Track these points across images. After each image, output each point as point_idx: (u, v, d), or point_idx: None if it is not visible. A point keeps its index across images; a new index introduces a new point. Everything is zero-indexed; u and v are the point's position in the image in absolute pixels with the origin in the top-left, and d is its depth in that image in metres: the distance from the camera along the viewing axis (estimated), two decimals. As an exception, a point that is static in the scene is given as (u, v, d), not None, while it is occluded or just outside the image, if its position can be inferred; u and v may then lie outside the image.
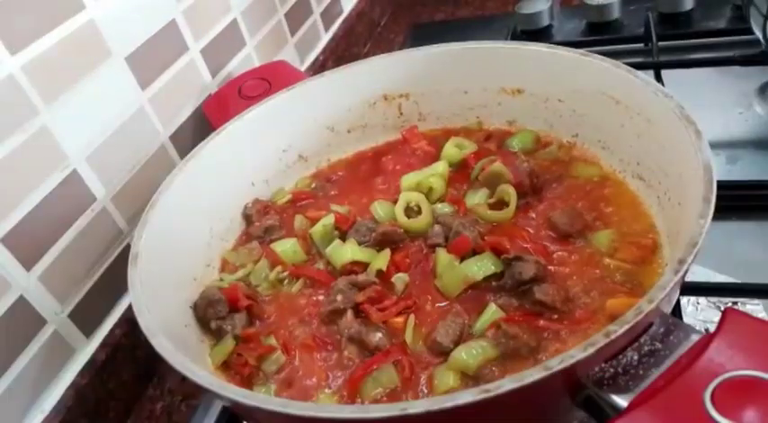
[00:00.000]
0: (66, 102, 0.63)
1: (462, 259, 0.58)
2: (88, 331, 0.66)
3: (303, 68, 1.10)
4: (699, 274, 0.63)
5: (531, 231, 0.60)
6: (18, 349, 0.58)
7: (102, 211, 0.67)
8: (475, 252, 0.58)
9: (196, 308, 0.59)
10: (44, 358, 0.61)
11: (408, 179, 0.68)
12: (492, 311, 0.53)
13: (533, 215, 0.63)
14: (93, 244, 0.67)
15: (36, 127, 0.60)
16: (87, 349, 0.65)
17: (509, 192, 0.63)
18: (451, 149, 0.72)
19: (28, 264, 0.59)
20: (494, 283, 0.56)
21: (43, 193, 0.61)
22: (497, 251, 0.56)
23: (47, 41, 0.61)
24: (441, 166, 0.69)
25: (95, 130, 0.67)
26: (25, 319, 0.59)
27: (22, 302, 0.58)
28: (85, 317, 0.65)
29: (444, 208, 0.66)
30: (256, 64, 0.96)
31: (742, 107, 0.85)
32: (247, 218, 0.71)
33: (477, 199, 0.65)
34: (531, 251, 0.56)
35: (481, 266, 0.56)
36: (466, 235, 0.58)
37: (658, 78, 0.87)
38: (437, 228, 0.62)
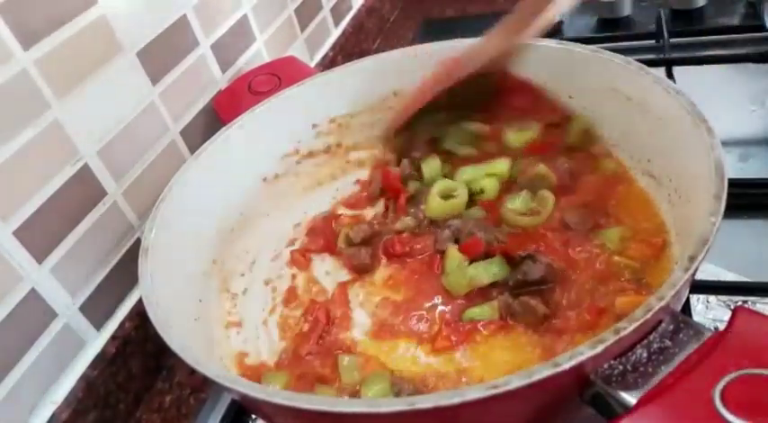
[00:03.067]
0: (78, 96, 0.64)
1: (472, 261, 0.57)
2: (99, 324, 0.67)
3: (313, 64, 1.10)
4: (709, 272, 0.63)
5: (550, 235, 0.59)
6: (29, 341, 0.59)
7: (113, 205, 0.68)
8: (487, 255, 0.57)
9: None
10: (55, 350, 0.61)
11: (465, 173, 0.67)
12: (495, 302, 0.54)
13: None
14: (104, 238, 0.67)
15: (48, 121, 0.60)
16: (97, 342, 0.66)
17: (548, 200, 0.61)
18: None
19: (39, 257, 0.60)
20: (500, 280, 0.56)
21: (55, 186, 0.61)
22: (509, 257, 0.56)
23: (59, 36, 0.61)
24: (502, 165, 0.66)
25: (106, 124, 0.67)
26: (36, 311, 0.59)
27: (33, 295, 0.59)
28: (96, 310, 0.66)
29: (476, 212, 0.64)
30: (266, 60, 0.96)
31: (755, 105, 0.84)
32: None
33: (518, 204, 0.63)
34: (543, 252, 0.56)
35: (489, 270, 0.56)
36: (479, 237, 0.58)
37: (670, 75, 0.86)
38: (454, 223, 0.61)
